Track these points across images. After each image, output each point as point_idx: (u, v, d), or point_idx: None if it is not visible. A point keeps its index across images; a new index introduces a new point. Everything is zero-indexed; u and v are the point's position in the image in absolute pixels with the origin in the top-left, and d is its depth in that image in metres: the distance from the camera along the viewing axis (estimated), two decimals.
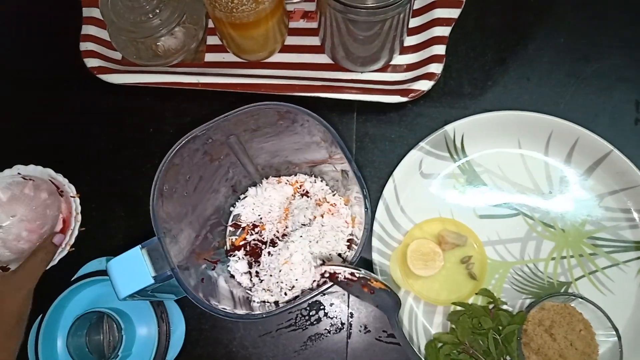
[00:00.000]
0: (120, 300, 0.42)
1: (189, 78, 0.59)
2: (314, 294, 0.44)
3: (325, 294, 0.56)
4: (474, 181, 0.58)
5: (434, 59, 0.58)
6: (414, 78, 0.58)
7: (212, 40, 0.63)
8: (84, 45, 0.61)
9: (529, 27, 0.62)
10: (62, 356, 0.52)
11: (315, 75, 0.61)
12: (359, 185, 0.44)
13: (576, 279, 0.55)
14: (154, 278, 0.41)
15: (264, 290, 0.52)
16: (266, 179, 0.57)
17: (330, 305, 0.56)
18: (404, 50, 0.60)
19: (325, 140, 0.47)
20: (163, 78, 0.59)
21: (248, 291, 0.53)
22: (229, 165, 0.52)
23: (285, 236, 0.54)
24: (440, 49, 0.58)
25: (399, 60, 0.60)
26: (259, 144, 0.51)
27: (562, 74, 0.61)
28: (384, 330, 0.55)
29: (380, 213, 0.55)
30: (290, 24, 0.62)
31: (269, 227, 0.55)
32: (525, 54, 0.62)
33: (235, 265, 0.54)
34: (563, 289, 0.55)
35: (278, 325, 0.56)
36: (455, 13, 0.58)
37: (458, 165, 0.58)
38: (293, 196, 0.56)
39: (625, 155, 0.54)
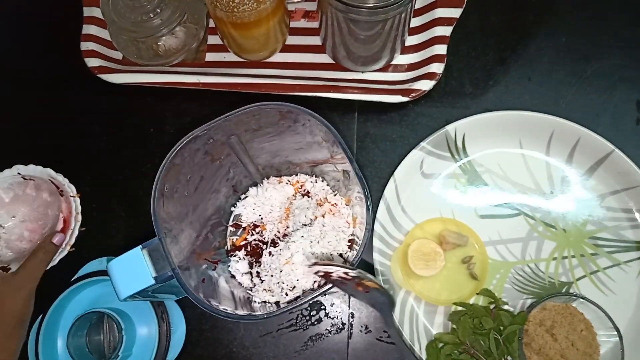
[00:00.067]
0: (121, 300, 0.41)
1: (190, 78, 0.59)
2: (315, 295, 0.43)
3: (326, 294, 0.56)
4: (475, 181, 0.58)
5: (435, 58, 0.58)
6: (415, 78, 0.58)
7: (213, 39, 0.63)
8: (85, 45, 0.61)
9: (530, 27, 0.62)
10: (63, 356, 0.52)
11: (316, 75, 0.61)
12: (360, 185, 0.44)
13: (577, 279, 0.55)
14: (154, 278, 0.41)
15: (265, 290, 0.52)
16: (267, 178, 0.57)
17: (331, 306, 0.56)
18: (405, 49, 0.60)
19: (326, 140, 0.47)
20: (164, 78, 0.59)
21: (249, 291, 0.53)
22: (230, 165, 0.52)
23: (286, 236, 0.54)
24: (441, 49, 0.58)
25: (400, 60, 0.60)
26: (259, 143, 0.50)
27: (563, 74, 0.61)
28: (385, 331, 0.55)
29: (381, 213, 0.55)
30: (292, 24, 0.62)
31: (269, 227, 0.55)
32: (527, 54, 0.62)
33: (236, 265, 0.54)
34: (564, 289, 0.55)
35: (279, 326, 0.56)
36: (456, 12, 0.58)
37: (459, 165, 0.58)
38: (294, 196, 0.56)
39: (626, 155, 0.54)
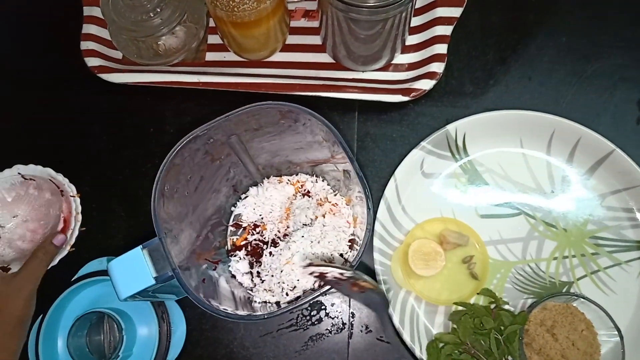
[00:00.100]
0: (121, 301, 0.41)
1: (190, 77, 0.59)
2: (315, 295, 0.43)
3: (326, 294, 0.56)
4: (476, 181, 0.58)
5: (436, 58, 0.57)
6: (416, 77, 0.58)
7: (213, 39, 0.63)
8: (85, 45, 0.61)
9: (531, 27, 0.62)
10: (63, 356, 0.52)
11: (316, 74, 0.60)
12: (360, 185, 0.44)
13: (578, 279, 0.55)
14: (155, 279, 0.41)
15: (265, 290, 0.52)
16: (267, 178, 0.57)
17: (332, 306, 0.56)
18: (406, 49, 0.60)
19: (327, 140, 0.47)
20: (164, 77, 0.59)
21: (249, 291, 0.53)
22: (230, 165, 0.52)
23: (286, 236, 0.54)
24: (441, 48, 0.58)
25: (401, 59, 0.60)
26: (260, 143, 0.50)
27: (564, 73, 0.61)
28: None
29: (381, 213, 0.55)
30: (292, 23, 0.62)
31: (270, 227, 0.55)
32: (527, 54, 0.61)
33: (237, 265, 0.54)
34: (565, 288, 0.55)
35: (279, 326, 0.56)
36: (456, 12, 0.58)
37: (460, 164, 0.58)
38: (294, 196, 0.56)
39: (627, 155, 0.54)
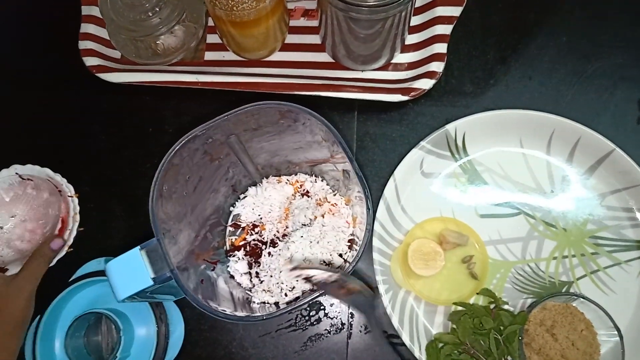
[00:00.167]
0: (119, 302, 0.41)
1: (189, 77, 0.59)
2: (314, 295, 0.43)
3: (325, 295, 0.56)
4: (476, 180, 0.58)
5: (435, 57, 0.57)
6: (415, 77, 0.58)
7: (212, 38, 0.63)
8: (83, 44, 0.61)
9: (531, 26, 0.62)
10: (60, 357, 0.52)
11: (315, 74, 0.60)
12: (360, 185, 0.43)
13: (578, 279, 0.55)
14: (153, 279, 0.41)
15: (264, 291, 0.52)
16: (266, 178, 0.57)
17: (331, 306, 0.56)
18: (405, 48, 0.60)
19: (326, 140, 0.47)
20: (162, 77, 0.59)
21: (248, 292, 0.53)
22: (229, 165, 0.52)
23: (285, 236, 0.53)
24: (441, 47, 0.57)
25: (400, 58, 0.60)
26: (259, 143, 0.50)
27: (564, 73, 0.61)
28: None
29: (381, 212, 0.55)
30: (291, 22, 0.62)
31: (269, 227, 0.54)
32: (527, 53, 0.61)
33: (235, 265, 0.53)
34: (564, 288, 0.55)
35: (278, 326, 0.56)
36: (456, 11, 0.58)
37: (459, 164, 0.58)
38: (293, 196, 0.56)
39: (627, 154, 0.54)
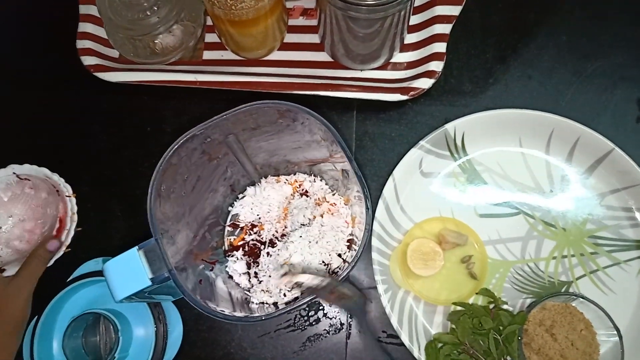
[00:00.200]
0: (117, 302, 0.41)
1: (187, 76, 0.58)
2: (314, 295, 0.43)
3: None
4: (475, 180, 0.57)
5: (435, 56, 0.57)
6: (415, 76, 0.58)
7: (211, 37, 0.63)
8: (81, 43, 0.61)
9: (531, 25, 0.62)
10: (58, 358, 0.52)
11: (314, 73, 0.60)
12: (359, 184, 0.43)
13: (577, 279, 0.55)
14: (151, 280, 0.40)
15: (262, 291, 0.52)
16: (265, 178, 0.57)
17: (330, 306, 0.56)
18: (404, 47, 0.60)
19: (325, 139, 0.47)
20: (161, 76, 0.59)
21: (247, 292, 0.53)
22: (228, 165, 0.52)
23: (284, 236, 0.53)
24: (440, 47, 0.57)
25: (399, 58, 0.60)
26: (257, 142, 0.50)
27: (564, 73, 0.60)
28: (384, 331, 0.55)
29: (380, 212, 0.55)
30: (290, 22, 0.62)
31: (267, 227, 0.54)
32: (527, 52, 0.61)
33: (234, 265, 0.53)
34: (564, 288, 0.54)
35: (277, 326, 0.56)
36: (456, 10, 0.58)
37: (458, 163, 0.58)
38: (292, 196, 0.56)
39: (626, 154, 0.54)
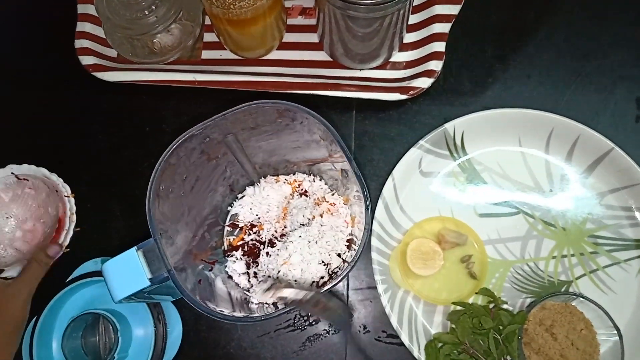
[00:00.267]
0: (116, 302, 0.41)
1: (186, 76, 0.58)
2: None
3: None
4: (474, 179, 0.57)
5: (434, 56, 0.57)
6: (414, 75, 0.58)
7: (209, 37, 0.62)
8: (79, 43, 0.60)
9: (530, 25, 0.62)
10: (57, 358, 0.51)
11: (313, 72, 0.60)
12: (358, 184, 0.43)
13: (577, 278, 0.55)
14: (150, 280, 0.40)
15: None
16: (264, 178, 0.57)
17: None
18: (404, 47, 0.60)
19: (324, 139, 0.47)
20: (159, 76, 0.59)
21: (246, 292, 0.53)
22: (227, 164, 0.52)
23: (283, 236, 0.53)
24: (440, 46, 0.57)
25: (399, 57, 0.60)
26: (257, 142, 0.50)
27: (563, 72, 0.60)
28: (384, 331, 0.55)
29: (379, 212, 0.55)
30: (289, 21, 0.62)
31: (267, 227, 0.54)
32: (526, 52, 0.61)
33: (233, 265, 0.53)
34: (564, 288, 0.54)
35: (276, 326, 0.55)
36: (455, 9, 0.58)
37: (458, 163, 0.58)
38: (291, 195, 0.55)
39: (626, 153, 0.54)
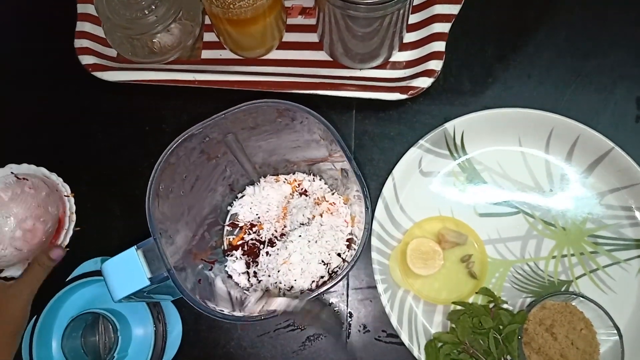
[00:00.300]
0: (116, 302, 0.41)
1: (186, 75, 0.58)
2: (313, 295, 0.43)
3: (324, 295, 0.56)
4: (474, 179, 0.57)
5: (434, 55, 0.57)
6: (414, 75, 0.58)
7: (209, 37, 0.62)
8: (79, 43, 0.60)
9: (530, 24, 0.62)
10: (57, 358, 0.51)
11: (313, 72, 0.60)
12: (358, 183, 0.43)
13: (577, 278, 0.55)
14: (149, 279, 0.40)
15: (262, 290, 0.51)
16: (264, 177, 0.57)
17: (329, 305, 0.56)
18: (404, 46, 0.60)
19: (324, 139, 0.47)
20: (159, 75, 0.59)
21: (246, 292, 0.53)
22: (227, 164, 0.51)
23: (283, 236, 0.53)
24: (440, 46, 0.57)
25: (398, 57, 0.60)
26: (256, 142, 0.50)
27: (563, 71, 0.60)
28: (384, 330, 0.55)
29: (379, 212, 0.55)
30: (288, 21, 0.62)
31: (267, 227, 0.54)
32: (526, 51, 0.61)
33: (233, 265, 0.53)
34: (564, 287, 0.54)
35: (276, 326, 0.55)
36: (455, 9, 0.57)
37: (458, 163, 0.58)
38: (291, 195, 0.55)
39: (626, 153, 0.54)
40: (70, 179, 0.59)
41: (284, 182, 0.56)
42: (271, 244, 0.53)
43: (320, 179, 0.56)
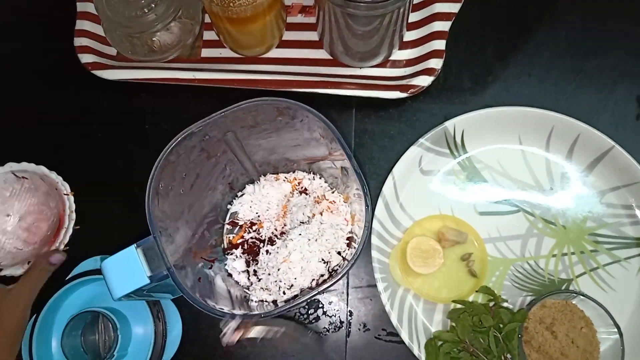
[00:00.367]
0: (115, 300, 0.41)
1: (185, 74, 0.58)
2: (313, 293, 0.43)
3: (324, 293, 0.56)
4: (475, 178, 0.57)
5: (434, 54, 0.57)
6: (414, 73, 0.58)
7: (209, 35, 0.62)
8: (78, 41, 0.60)
9: (530, 22, 0.62)
10: (57, 356, 0.51)
11: (313, 70, 0.60)
12: (358, 182, 0.43)
13: (577, 276, 0.55)
14: (149, 278, 0.40)
15: (262, 289, 0.51)
16: (264, 176, 0.56)
17: (329, 304, 0.56)
18: (404, 45, 0.60)
19: (324, 137, 0.46)
20: (159, 74, 0.58)
21: (246, 290, 0.53)
22: (226, 163, 0.51)
23: (283, 234, 0.53)
24: (440, 44, 0.57)
25: (399, 55, 0.60)
26: (256, 140, 0.50)
27: (564, 70, 0.60)
28: (384, 329, 0.55)
29: (379, 210, 0.55)
30: (288, 19, 0.62)
31: (267, 225, 0.54)
32: (526, 49, 0.61)
33: (233, 263, 0.53)
34: (564, 286, 0.54)
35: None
36: (455, 7, 0.57)
37: (458, 161, 0.58)
38: (291, 193, 0.55)
39: (626, 151, 0.54)
40: (70, 178, 0.59)
41: (284, 181, 0.56)
42: (271, 242, 0.53)
43: (320, 178, 0.56)
